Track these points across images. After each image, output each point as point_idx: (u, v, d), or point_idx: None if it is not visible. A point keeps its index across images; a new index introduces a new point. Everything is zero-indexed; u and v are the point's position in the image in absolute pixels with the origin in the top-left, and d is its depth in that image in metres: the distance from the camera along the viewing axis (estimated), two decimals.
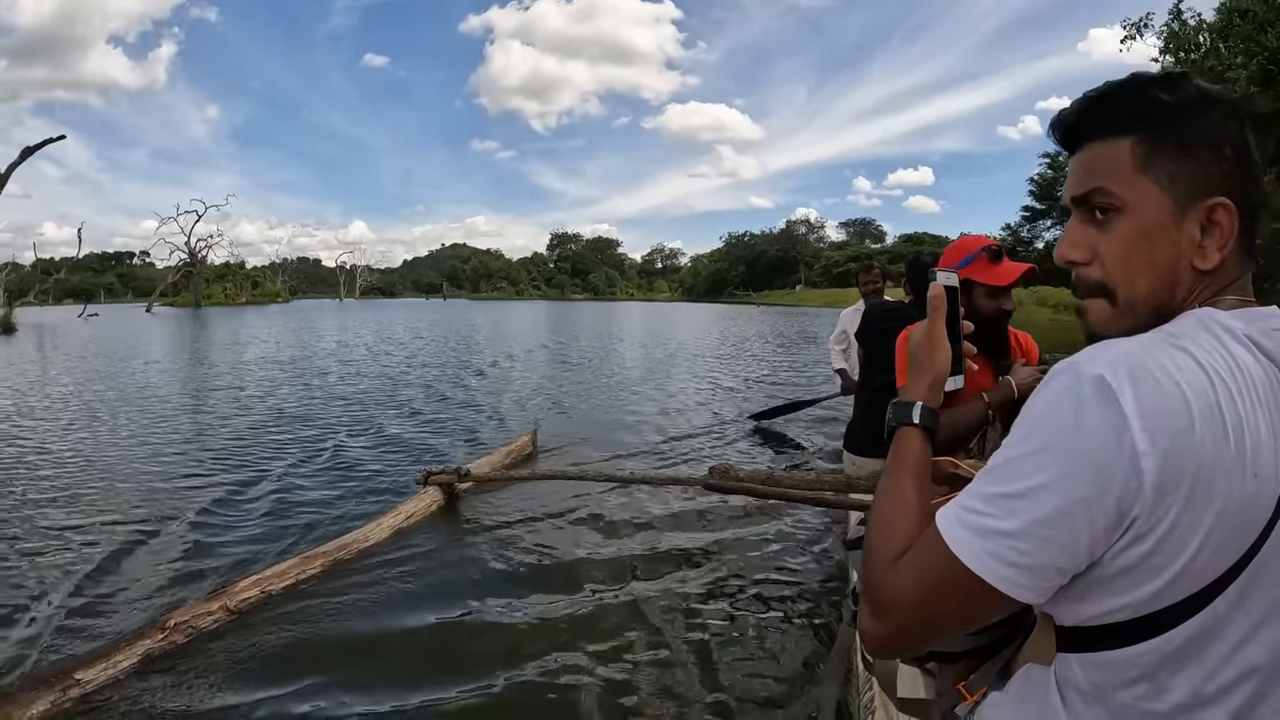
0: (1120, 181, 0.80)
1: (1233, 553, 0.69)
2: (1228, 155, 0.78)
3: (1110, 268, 0.82)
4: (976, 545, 0.72)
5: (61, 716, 2.91)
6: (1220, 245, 0.78)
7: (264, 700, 3.08)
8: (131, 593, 4.16)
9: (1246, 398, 0.69)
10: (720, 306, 79.20)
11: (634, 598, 4.03)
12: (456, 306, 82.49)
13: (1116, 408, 0.67)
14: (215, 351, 22.45)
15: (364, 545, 4.55)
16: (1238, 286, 0.81)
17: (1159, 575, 0.69)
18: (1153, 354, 0.70)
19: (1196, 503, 0.67)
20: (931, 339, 1.00)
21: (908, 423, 0.95)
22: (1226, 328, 0.73)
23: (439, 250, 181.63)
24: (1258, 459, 0.69)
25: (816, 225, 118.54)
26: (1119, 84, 0.83)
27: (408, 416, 10.05)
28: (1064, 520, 0.68)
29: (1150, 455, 0.66)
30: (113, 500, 6.03)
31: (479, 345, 24.45)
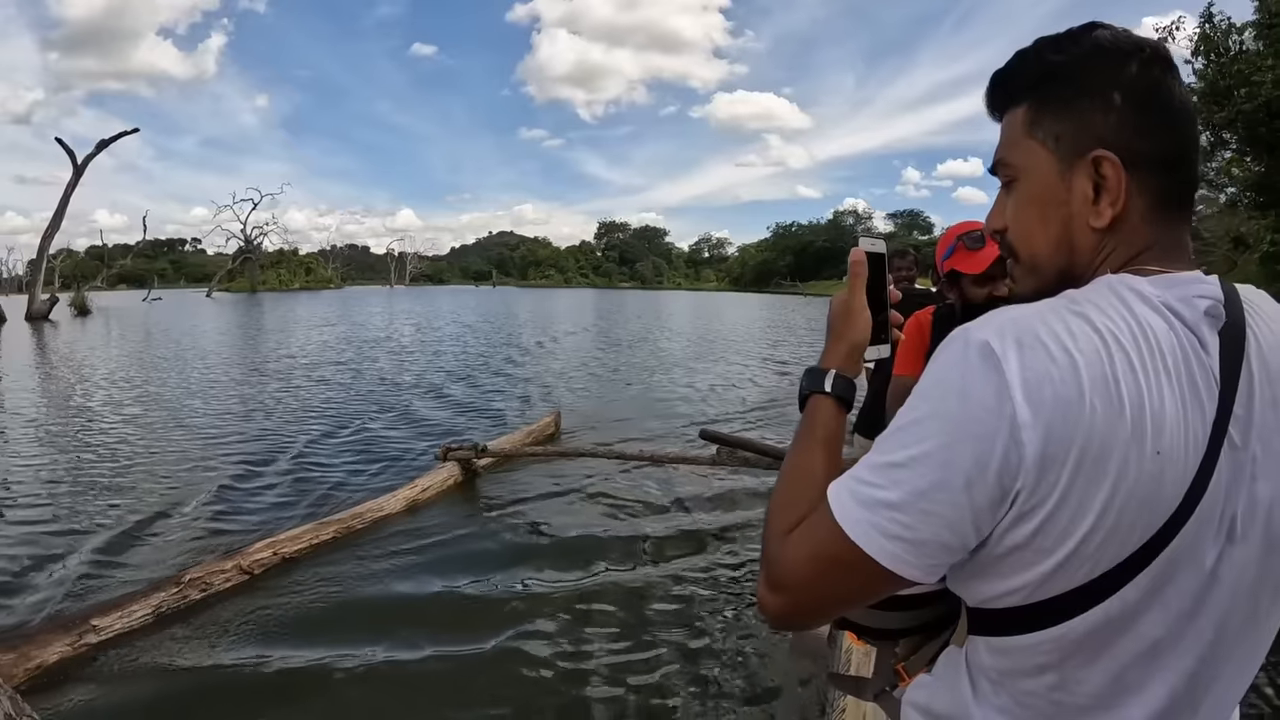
0: (1014, 149, 0.79)
1: (1136, 537, 0.65)
2: (1116, 104, 0.73)
3: (1014, 231, 0.81)
4: (861, 517, 0.69)
5: (78, 660, 3.10)
6: (1111, 200, 0.73)
7: (270, 655, 3.25)
8: (153, 551, 4.39)
9: (1149, 368, 0.65)
10: (767, 296, 78.82)
11: (636, 576, 4.12)
12: (505, 294, 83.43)
13: (1000, 375, 0.63)
14: (270, 334, 23.29)
15: (378, 515, 4.71)
16: (1162, 249, 0.75)
17: (1048, 557, 0.65)
18: (1046, 319, 0.66)
19: (1085, 479, 0.63)
20: (849, 307, 0.93)
21: (819, 390, 0.89)
22: (1140, 293, 0.69)
23: (486, 238, 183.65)
24: (1159, 435, 0.64)
25: (864, 216, 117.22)
26: (1019, 53, 0.82)
27: (442, 397, 10.29)
28: (945, 492, 0.65)
29: (1032, 426, 0.62)
30: (150, 466, 6.39)
31: (522, 330, 24.69)
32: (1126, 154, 0.72)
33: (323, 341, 19.91)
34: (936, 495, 0.65)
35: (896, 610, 0.89)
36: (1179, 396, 0.65)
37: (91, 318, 32.86)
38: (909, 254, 5.53)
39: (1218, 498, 0.66)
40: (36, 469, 6.33)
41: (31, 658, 2.98)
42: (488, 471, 5.84)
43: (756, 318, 34.55)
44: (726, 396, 10.30)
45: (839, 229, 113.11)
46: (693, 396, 10.39)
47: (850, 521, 0.69)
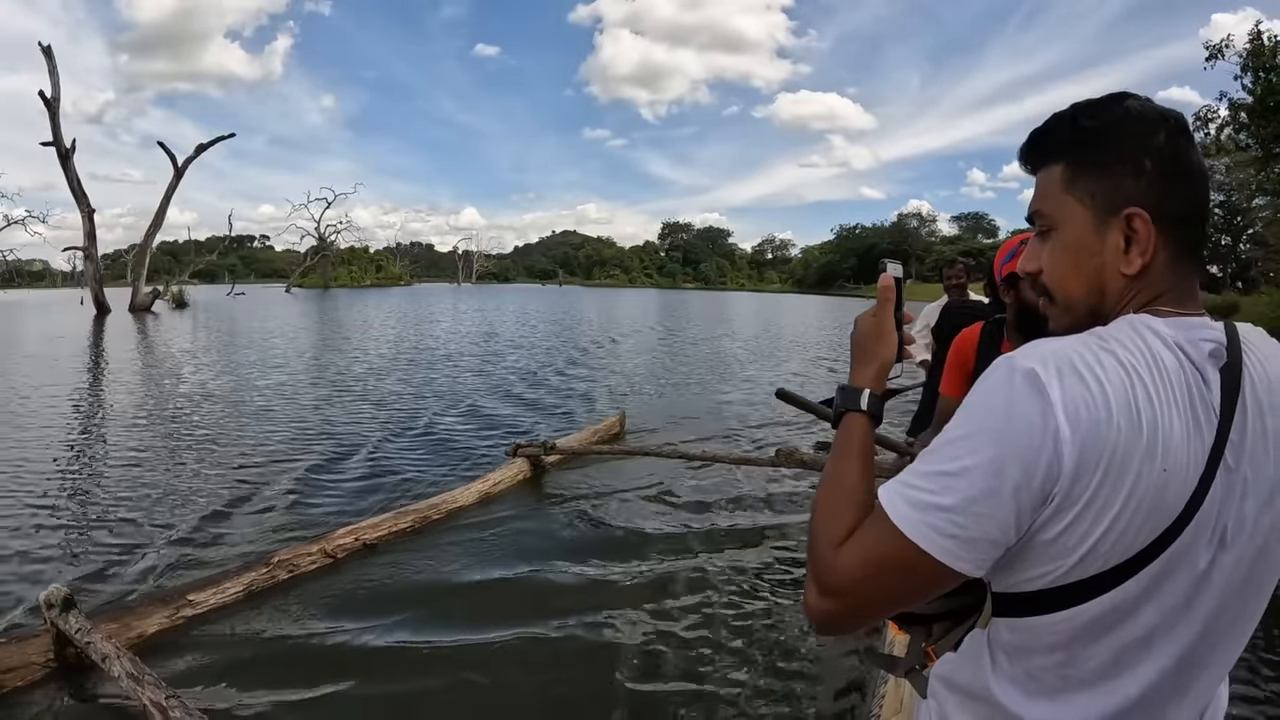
0: (1052, 202, 0.88)
1: (1141, 539, 0.75)
2: (1147, 169, 0.83)
3: (1049, 275, 0.90)
4: (917, 518, 0.76)
5: (174, 632, 3.32)
6: (1141, 251, 0.83)
7: (350, 632, 3.45)
8: (243, 534, 4.64)
9: (1162, 396, 0.75)
10: (830, 299, 78.10)
11: (692, 567, 4.23)
12: (571, 293, 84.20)
13: (1045, 397, 0.73)
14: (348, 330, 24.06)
15: (452, 506, 4.88)
16: (1177, 294, 0.85)
17: (1072, 551, 0.75)
18: (1080, 353, 0.76)
19: (1109, 487, 0.73)
20: (880, 328, 1.02)
21: (855, 409, 0.96)
22: (1156, 332, 0.79)
23: (549, 237, 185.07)
24: (1168, 454, 0.74)
25: (928, 218, 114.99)
26: (1056, 116, 0.90)
27: (512, 395, 10.56)
28: (996, 497, 0.73)
29: (1070, 441, 0.72)
30: (239, 454, 6.74)
31: (588, 330, 24.95)
32: (1155, 211, 0.82)
33: (398, 338, 20.47)
34: (989, 500, 0.74)
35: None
36: (1185, 423, 0.75)
37: (188, 310, 35.07)
38: (958, 263, 5.48)
39: (1212, 510, 0.77)
40: (139, 454, 6.73)
41: (133, 628, 3.21)
42: (555, 468, 5.99)
43: (818, 321, 34.28)
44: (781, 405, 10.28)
45: (903, 231, 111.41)
46: (753, 399, 10.42)
47: (908, 523, 0.77)
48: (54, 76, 30.50)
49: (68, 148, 31.02)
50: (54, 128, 30.41)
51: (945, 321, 4.34)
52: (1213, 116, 22.79)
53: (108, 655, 2.70)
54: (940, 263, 5.84)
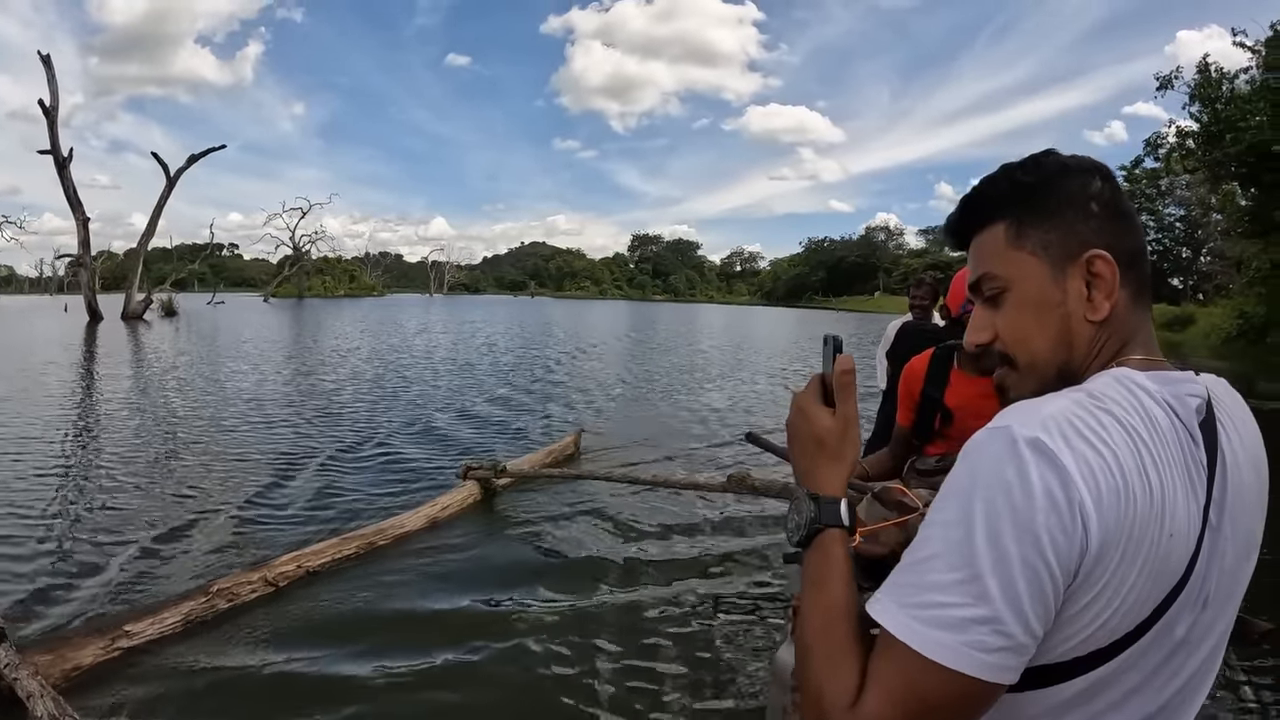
0: (999, 262, 0.85)
1: (1145, 609, 0.70)
2: (1095, 211, 0.81)
3: (1008, 340, 0.85)
4: (955, 642, 0.65)
5: (111, 664, 3.29)
6: (1107, 294, 0.80)
7: (292, 662, 3.44)
8: (183, 562, 4.60)
9: (1163, 458, 0.70)
10: (798, 311, 78.64)
11: (641, 596, 4.26)
12: (542, 304, 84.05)
13: (1061, 469, 0.66)
14: (321, 342, 24.05)
15: (400, 531, 4.88)
16: (1143, 339, 0.83)
17: (1085, 629, 0.69)
18: (1080, 415, 0.70)
19: (1128, 560, 0.67)
20: (848, 421, 0.88)
21: (837, 524, 0.83)
22: (1145, 389, 0.74)
23: (519, 248, 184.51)
24: (1173, 519, 0.70)
25: (896, 232, 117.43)
26: (987, 178, 0.88)
27: (470, 413, 10.50)
28: (1038, 589, 0.65)
29: (1095, 514, 0.65)
30: (184, 476, 6.66)
31: (556, 344, 24.91)
32: (1111, 252, 0.80)
33: (368, 351, 20.39)
34: (1029, 594, 0.65)
35: None
36: (1185, 484, 0.72)
37: (177, 318, 35.78)
38: (925, 283, 5.45)
39: (1200, 574, 0.73)
40: (80, 478, 6.62)
41: (68, 659, 3.18)
42: (507, 491, 6.01)
43: (787, 333, 34.55)
44: (746, 420, 10.35)
45: (871, 244, 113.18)
46: (713, 419, 10.47)
47: (950, 651, 0.65)
48: (53, 85, 30.73)
49: (65, 156, 31.36)
50: (52, 136, 30.73)
51: (901, 344, 4.41)
52: (1162, 142, 23.92)
53: (32, 694, 2.70)
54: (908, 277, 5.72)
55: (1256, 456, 0.83)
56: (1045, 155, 0.86)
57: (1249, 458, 0.81)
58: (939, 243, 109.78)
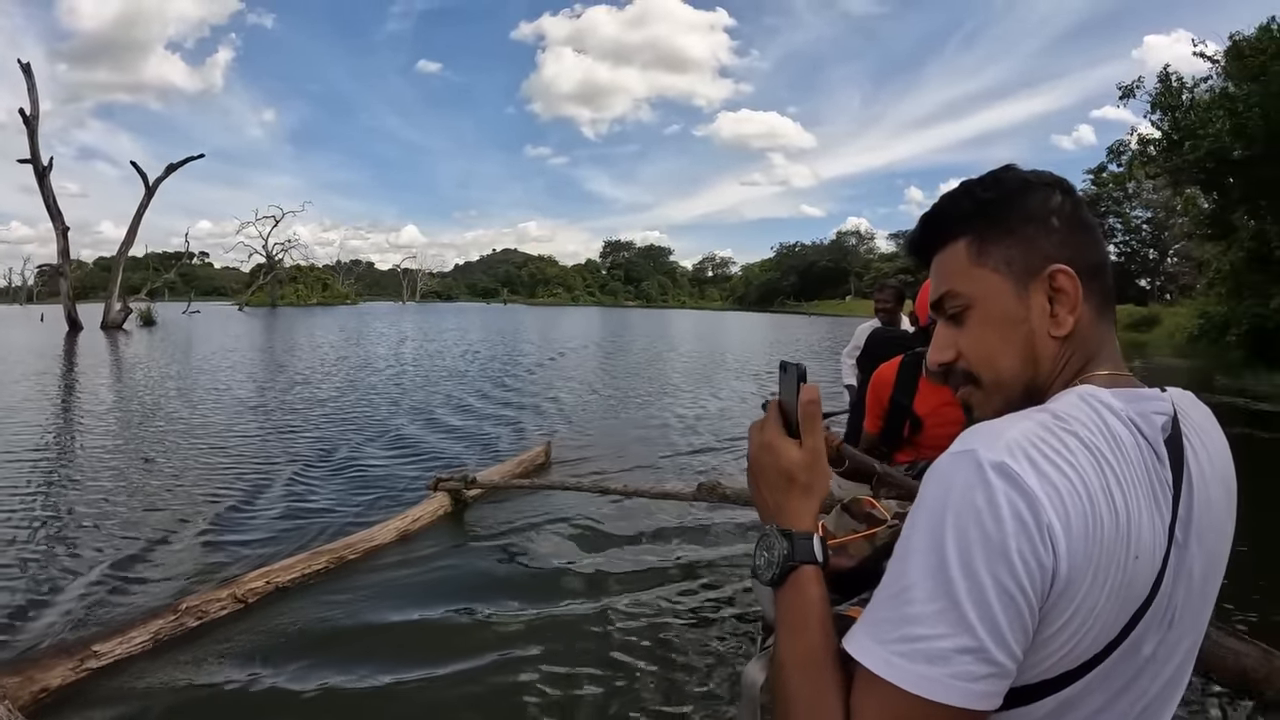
0: (962, 279, 0.84)
1: (1113, 631, 0.69)
2: (1057, 226, 0.81)
3: (972, 359, 0.84)
4: (940, 675, 0.64)
5: (80, 685, 3.28)
6: (1070, 308, 0.80)
7: (263, 679, 3.44)
8: (151, 580, 4.58)
9: (1128, 479, 0.70)
10: (771, 316, 79.12)
11: (612, 605, 4.29)
12: (515, 311, 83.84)
13: (1028, 494, 0.65)
14: (296, 351, 23.77)
15: (370, 545, 4.89)
16: (1108, 353, 0.83)
17: (1054, 654, 0.68)
18: (1043, 437, 0.69)
19: (1097, 584, 0.67)
20: (816, 455, 0.85)
21: (812, 561, 0.80)
22: (1109, 407, 0.74)
23: (490, 255, 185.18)
24: (1139, 541, 0.69)
25: (867, 236, 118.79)
26: (947, 195, 0.88)
27: (440, 423, 10.48)
28: (1013, 613, 0.64)
29: (1064, 538, 0.65)
30: (156, 490, 6.62)
31: (527, 350, 24.90)
32: (1074, 265, 0.80)
33: (340, 360, 20.26)
34: (1010, 620, 0.64)
35: None
36: (1150, 505, 0.71)
37: (157, 328, 35.79)
38: (888, 287, 5.50)
39: (1166, 592, 0.73)
40: (49, 494, 6.55)
41: (36, 681, 3.16)
42: (477, 502, 6.03)
43: (759, 338, 34.74)
44: (717, 426, 10.46)
45: (842, 249, 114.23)
46: (682, 426, 10.54)
47: (937, 685, 0.64)
48: (33, 94, 31.21)
49: (45, 165, 31.78)
50: (32, 145, 31.27)
51: (871, 351, 4.47)
52: (1124, 149, 24.79)
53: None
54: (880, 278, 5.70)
55: (1225, 473, 0.82)
56: (1005, 171, 0.87)
57: (1217, 474, 0.81)
58: None
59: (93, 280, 44.81)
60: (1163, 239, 59.19)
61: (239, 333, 33.86)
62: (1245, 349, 21.42)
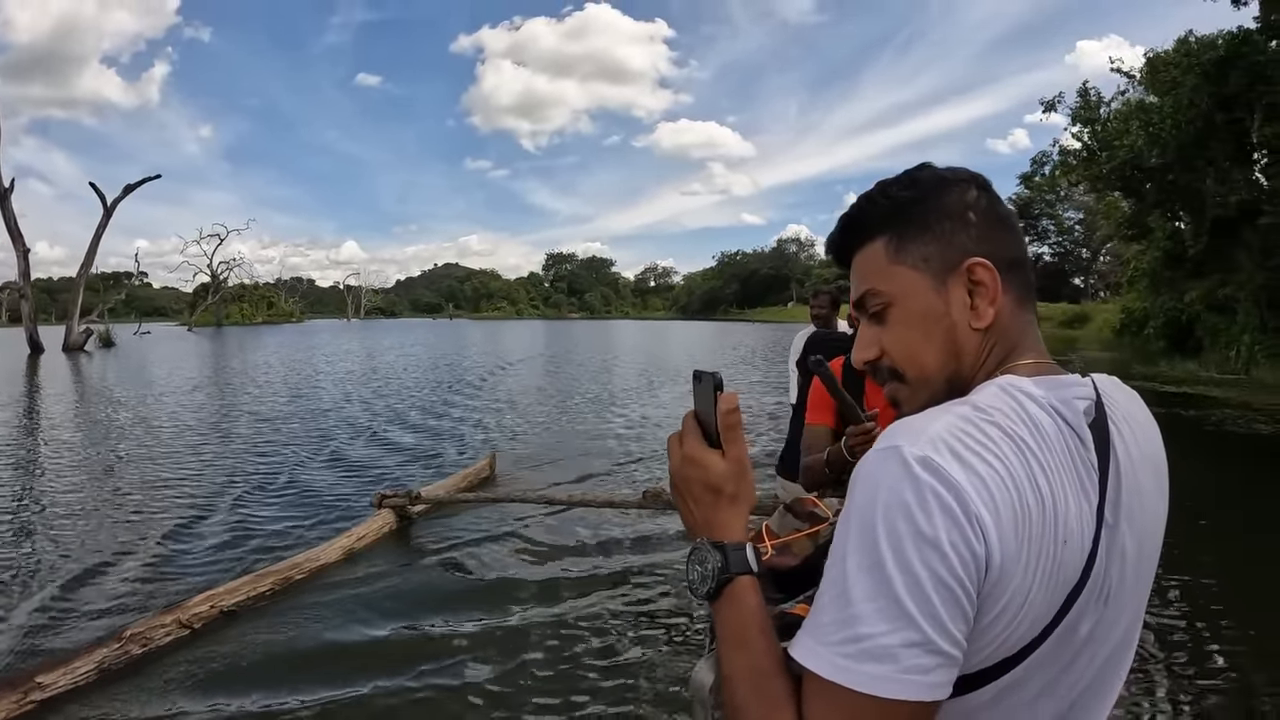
0: (881, 278, 0.85)
1: (1046, 616, 0.70)
2: (973, 221, 0.82)
3: (896, 355, 0.85)
4: (889, 671, 0.64)
5: (25, 718, 3.27)
6: (990, 300, 0.81)
7: (211, 705, 3.44)
8: (96, 607, 4.54)
9: (1052, 465, 0.70)
10: (714, 324, 79.69)
11: (562, 618, 4.35)
12: (461, 326, 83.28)
13: (955, 486, 0.65)
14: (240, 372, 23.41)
15: (315, 565, 4.90)
16: (1031, 343, 0.84)
17: (991, 644, 0.68)
18: (966, 429, 0.70)
19: (1029, 571, 0.67)
20: (741, 464, 0.83)
21: (746, 571, 0.79)
22: (1030, 395, 0.74)
23: (432, 270, 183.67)
24: (1065, 526, 0.70)
25: (807, 243, 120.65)
26: (864, 195, 0.88)
27: (385, 440, 10.44)
28: (951, 603, 0.65)
29: (994, 527, 0.65)
30: (99, 515, 6.55)
31: (470, 366, 24.72)
32: (991, 258, 0.81)
33: (284, 380, 19.89)
34: (949, 610, 0.65)
35: None
36: (1074, 488, 0.72)
37: (116, 349, 35.97)
38: (822, 293, 5.61)
39: (1100, 573, 0.73)
40: None
41: None
42: (423, 517, 6.07)
43: (702, 345, 35.12)
44: (661, 434, 10.52)
45: (783, 256, 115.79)
46: (627, 434, 10.68)
47: (882, 683, 0.64)
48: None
49: (5, 186, 31.82)
50: None
51: (809, 354, 4.56)
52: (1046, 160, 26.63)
53: None
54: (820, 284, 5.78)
55: (1153, 455, 0.84)
56: (921, 170, 0.88)
57: (1145, 456, 0.81)
58: None
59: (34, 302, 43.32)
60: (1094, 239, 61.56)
61: (192, 353, 33.47)
62: (1164, 340, 23.66)
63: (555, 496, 5.95)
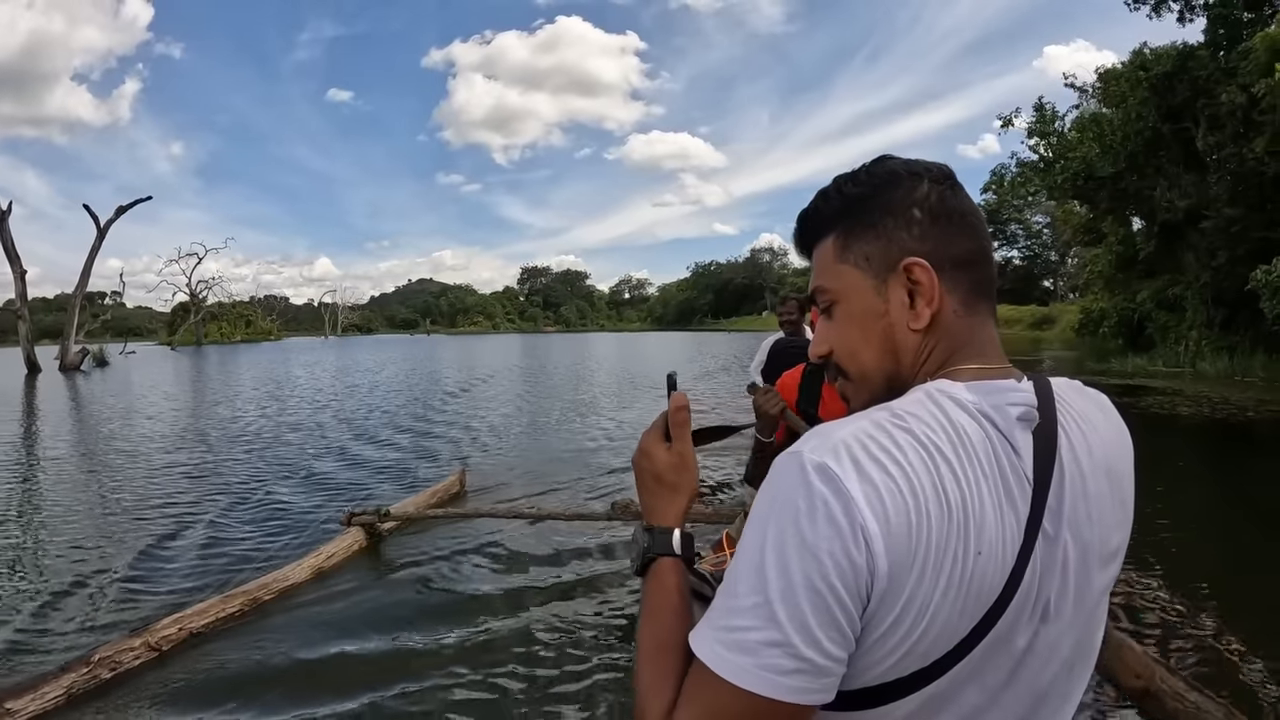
0: (829, 275, 0.86)
1: (963, 627, 0.69)
2: (917, 218, 0.81)
3: (840, 350, 0.87)
4: (750, 665, 0.67)
5: None
6: (927, 301, 0.80)
7: None
8: (63, 630, 4.55)
9: (969, 473, 0.69)
10: (690, 334, 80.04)
11: (532, 630, 4.40)
12: (438, 342, 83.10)
13: (844, 494, 0.66)
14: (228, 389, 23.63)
15: (284, 584, 4.92)
16: (977, 345, 0.82)
17: (895, 651, 0.69)
18: (874, 436, 0.70)
19: (927, 583, 0.67)
20: (684, 456, 0.92)
21: (669, 553, 0.87)
22: (957, 400, 0.74)
23: (406, 286, 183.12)
24: (980, 535, 0.69)
25: (780, 252, 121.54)
26: (820, 192, 0.88)
27: (358, 458, 10.42)
28: (822, 612, 0.66)
29: (880, 537, 0.66)
30: (71, 535, 6.60)
31: (443, 380, 24.71)
32: (933, 258, 0.80)
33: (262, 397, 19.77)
34: (819, 619, 0.66)
35: None
36: (996, 497, 0.70)
37: (110, 368, 36.57)
38: (790, 300, 5.63)
39: (1032, 586, 0.72)
40: None
41: None
42: (393, 535, 6.10)
43: (676, 355, 35.28)
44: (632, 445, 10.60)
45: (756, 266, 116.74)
46: (597, 446, 10.76)
47: (745, 674, 0.67)
48: None
49: (4, 209, 32.95)
50: None
51: (774, 361, 4.62)
52: (1005, 171, 29.74)
53: None
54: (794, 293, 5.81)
55: (1110, 462, 0.81)
56: (878, 164, 0.87)
57: (1098, 464, 0.80)
58: None
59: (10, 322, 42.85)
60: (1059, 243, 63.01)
61: (179, 372, 33.85)
62: (1118, 338, 25.86)
63: (524, 511, 6.01)
